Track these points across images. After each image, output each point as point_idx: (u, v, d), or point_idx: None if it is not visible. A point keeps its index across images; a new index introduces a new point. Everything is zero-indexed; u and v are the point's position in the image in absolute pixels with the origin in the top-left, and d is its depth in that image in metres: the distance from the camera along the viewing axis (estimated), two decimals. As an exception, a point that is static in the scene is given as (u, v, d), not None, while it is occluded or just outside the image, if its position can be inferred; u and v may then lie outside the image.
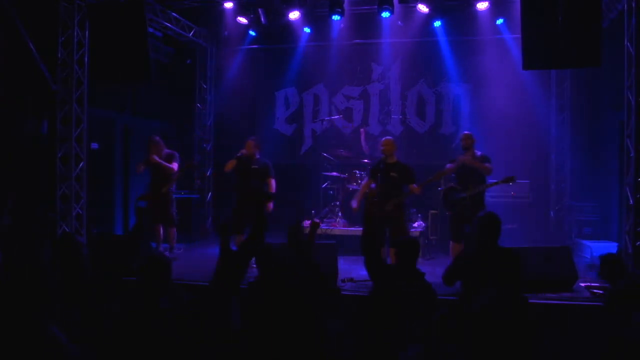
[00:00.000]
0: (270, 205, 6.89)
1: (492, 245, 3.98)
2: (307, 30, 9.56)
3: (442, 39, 9.37)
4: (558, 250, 6.04)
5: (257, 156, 7.21)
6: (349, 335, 3.70)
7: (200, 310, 3.06)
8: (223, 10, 8.81)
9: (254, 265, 3.57)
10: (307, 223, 8.54)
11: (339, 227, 8.41)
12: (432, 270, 7.19)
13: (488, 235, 3.98)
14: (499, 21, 8.69)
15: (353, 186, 8.53)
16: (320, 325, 3.12)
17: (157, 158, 7.42)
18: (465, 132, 6.96)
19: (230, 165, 7.14)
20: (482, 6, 8.21)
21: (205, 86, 10.37)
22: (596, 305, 4.92)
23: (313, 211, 8.87)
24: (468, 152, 6.66)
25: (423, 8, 8.33)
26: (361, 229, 7.99)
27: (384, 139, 6.81)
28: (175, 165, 7.53)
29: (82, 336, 3.09)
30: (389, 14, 8.67)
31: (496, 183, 6.51)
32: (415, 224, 8.28)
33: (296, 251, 3.91)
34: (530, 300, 4.95)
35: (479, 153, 6.71)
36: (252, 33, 9.68)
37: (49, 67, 7.40)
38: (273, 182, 7.19)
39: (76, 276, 3.35)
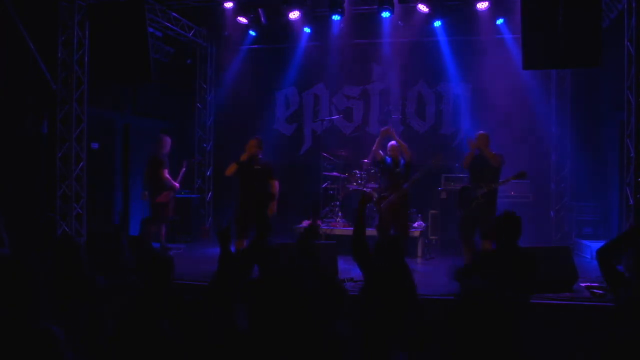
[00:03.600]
0: (274, 206, 6.80)
1: (511, 245, 3.96)
2: (307, 30, 9.55)
3: (442, 39, 9.36)
4: (558, 250, 6.04)
5: (260, 156, 6.99)
6: (350, 335, 3.69)
7: (200, 311, 3.05)
8: (223, 10, 8.81)
9: None
10: (306, 223, 8.56)
11: (339, 227, 8.40)
12: (433, 270, 7.23)
13: (507, 235, 3.96)
14: (499, 21, 8.69)
15: (353, 186, 8.52)
16: (326, 327, 3.12)
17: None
18: (481, 132, 6.95)
19: (231, 169, 6.92)
20: (482, 6, 8.22)
21: (205, 86, 10.37)
22: (596, 305, 4.93)
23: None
24: (483, 152, 6.70)
25: (423, 8, 8.33)
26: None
27: (391, 144, 7.15)
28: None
29: (81, 337, 3.09)
30: (389, 14, 8.67)
31: (509, 179, 6.49)
32: (415, 224, 8.28)
33: (307, 256, 3.88)
34: (530, 300, 4.97)
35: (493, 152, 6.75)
36: (252, 33, 9.67)
37: (49, 67, 7.40)
38: (276, 184, 6.96)
39: (74, 277, 3.35)
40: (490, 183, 6.52)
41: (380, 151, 7.23)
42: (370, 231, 7.91)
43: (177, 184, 7.83)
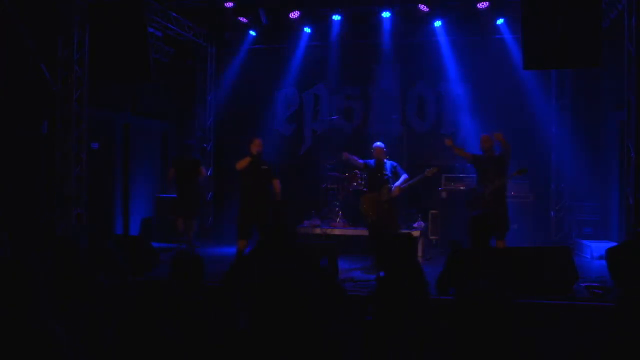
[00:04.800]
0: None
1: (483, 246, 3.99)
2: (307, 30, 9.55)
3: (442, 39, 9.36)
4: (558, 250, 6.04)
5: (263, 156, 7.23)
6: (352, 335, 3.70)
7: (208, 310, 3.05)
8: (223, 10, 8.80)
9: None
10: (305, 224, 8.56)
11: (339, 227, 8.40)
12: (433, 270, 7.23)
13: (477, 236, 4.00)
14: (499, 21, 8.70)
15: (353, 186, 8.52)
16: (324, 326, 3.11)
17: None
18: (484, 134, 7.10)
19: (244, 163, 6.99)
20: (482, 6, 8.22)
21: (205, 86, 10.37)
22: (596, 305, 4.92)
23: (313, 211, 8.87)
24: (489, 153, 6.88)
25: (423, 8, 8.33)
26: (361, 229, 8.01)
27: (376, 146, 7.30)
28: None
29: (82, 337, 3.08)
30: (389, 14, 8.67)
31: (511, 176, 6.73)
32: (415, 224, 8.28)
33: (278, 237, 3.85)
34: (530, 300, 4.97)
35: (497, 152, 6.90)
36: (252, 33, 9.68)
37: (49, 67, 7.39)
38: (278, 183, 7.18)
39: (74, 277, 3.35)
40: (493, 181, 6.63)
41: (355, 157, 7.30)
42: (362, 231, 8.02)
43: None
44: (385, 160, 7.22)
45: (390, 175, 7.15)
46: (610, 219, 8.49)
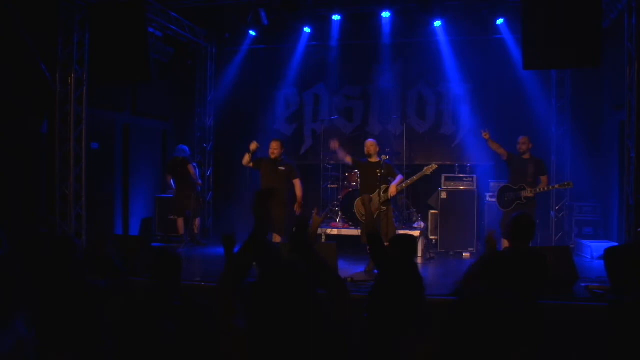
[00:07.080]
0: (299, 206, 7.30)
1: (524, 247, 3.99)
2: (307, 30, 9.56)
3: (442, 39, 9.36)
4: (558, 250, 6.03)
5: (283, 157, 7.34)
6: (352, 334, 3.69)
7: (204, 310, 3.05)
8: (223, 10, 8.80)
9: None
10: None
11: (339, 227, 8.40)
12: (433, 270, 7.24)
13: (520, 237, 3.99)
14: (499, 21, 8.70)
15: (353, 186, 8.52)
16: (325, 325, 3.10)
17: None
18: (522, 136, 7.50)
19: (245, 160, 7.18)
20: (482, 6, 8.22)
21: (205, 86, 10.36)
22: (596, 305, 4.92)
23: (313, 211, 8.85)
24: (526, 155, 7.32)
25: (423, 8, 8.33)
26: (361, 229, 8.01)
27: (367, 140, 7.21)
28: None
29: (81, 337, 3.08)
30: (389, 14, 8.66)
31: (555, 187, 7.45)
32: (415, 224, 8.28)
33: (300, 253, 3.86)
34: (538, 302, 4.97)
35: (535, 155, 7.41)
36: (252, 33, 9.68)
37: (49, 67, 7.39)
38: (299, 182, 7.32)
39: (73, 277, 3.34)
40: (535, 187, 7.14)
41: (344, 151, 7.17)
42: (351, 230, 8.03)
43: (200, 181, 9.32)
44: (379, 158, 6.92)
45: (384, 174, 6.82)
46: (610, 219, 8.49)
